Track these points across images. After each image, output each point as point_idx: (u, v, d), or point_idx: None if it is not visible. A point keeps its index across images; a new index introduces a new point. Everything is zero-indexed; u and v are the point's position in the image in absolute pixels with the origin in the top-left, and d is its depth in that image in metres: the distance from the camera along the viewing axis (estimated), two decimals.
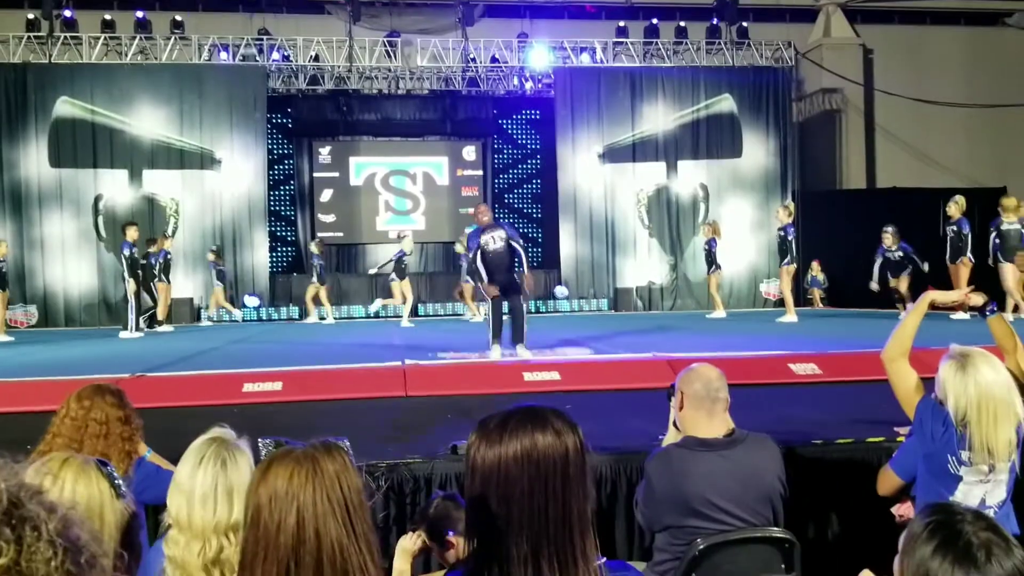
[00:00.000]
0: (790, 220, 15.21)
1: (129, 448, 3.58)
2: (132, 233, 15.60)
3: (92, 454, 2.86)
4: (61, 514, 1.21)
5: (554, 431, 1.91)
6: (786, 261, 15.06)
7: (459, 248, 18.53)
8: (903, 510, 3.71)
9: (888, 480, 3.84)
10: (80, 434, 3.47)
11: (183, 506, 2.37)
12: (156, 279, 16.72)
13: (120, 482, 2.24)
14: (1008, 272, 13.18)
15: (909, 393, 3.70)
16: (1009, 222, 13.49)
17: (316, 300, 18.33)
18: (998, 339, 4.04)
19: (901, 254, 15.07)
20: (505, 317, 10.06)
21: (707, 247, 17.10)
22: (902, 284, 15.02)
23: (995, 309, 4.11)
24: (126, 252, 15.44)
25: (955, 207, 14.26)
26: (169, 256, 17.06)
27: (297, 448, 1.91)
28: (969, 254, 13.86)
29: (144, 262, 16.43)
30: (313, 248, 18.42)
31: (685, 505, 3.35)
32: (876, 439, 5.02)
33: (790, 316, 14.71)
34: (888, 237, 15.09)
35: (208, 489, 2.37)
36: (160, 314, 16.77)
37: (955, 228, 14.13)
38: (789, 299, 15.20)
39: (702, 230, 18.25)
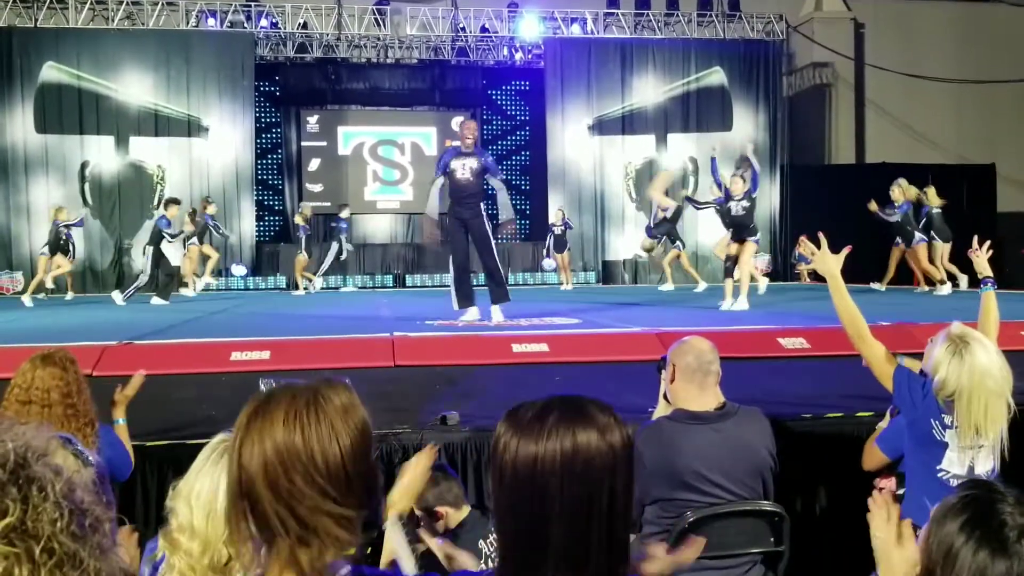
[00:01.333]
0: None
1: (76, 425, 3.36)
2: (173, 211, 14.99)
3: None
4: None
5: (599, 430, 1.56)
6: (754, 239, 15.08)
7: (298, 219, 18.15)
8: (883, 483, 3.72)
9: (873, 456, 3.85)
10: (26, 409, 3.30)
11: (186, 513, 2.14)
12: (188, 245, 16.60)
13: (83, 449, 2.14)
14: (938, 251, 13.93)
15: (881, 365, 3.69)
16: (936, 208, 14.07)
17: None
18: (985, 313, 4.02)
19: (748, 204, 11.88)
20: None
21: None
22: (744, 250, 11.93)
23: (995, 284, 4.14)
24: (168, 229, 14.79)
25: (899, 191, 14.04)
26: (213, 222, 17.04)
27: (298, 384, 1.76)
28: (922, 234, 14.03)
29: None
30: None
31: (675, 478, 3.36)
32: (865, 413, 5.02)
33: (759, 284, 14.72)
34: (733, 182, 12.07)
35: (212, 496, 2.13)
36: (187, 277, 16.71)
37: (903, 213, 14.29)
38: (749, 272, 14.96)
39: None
